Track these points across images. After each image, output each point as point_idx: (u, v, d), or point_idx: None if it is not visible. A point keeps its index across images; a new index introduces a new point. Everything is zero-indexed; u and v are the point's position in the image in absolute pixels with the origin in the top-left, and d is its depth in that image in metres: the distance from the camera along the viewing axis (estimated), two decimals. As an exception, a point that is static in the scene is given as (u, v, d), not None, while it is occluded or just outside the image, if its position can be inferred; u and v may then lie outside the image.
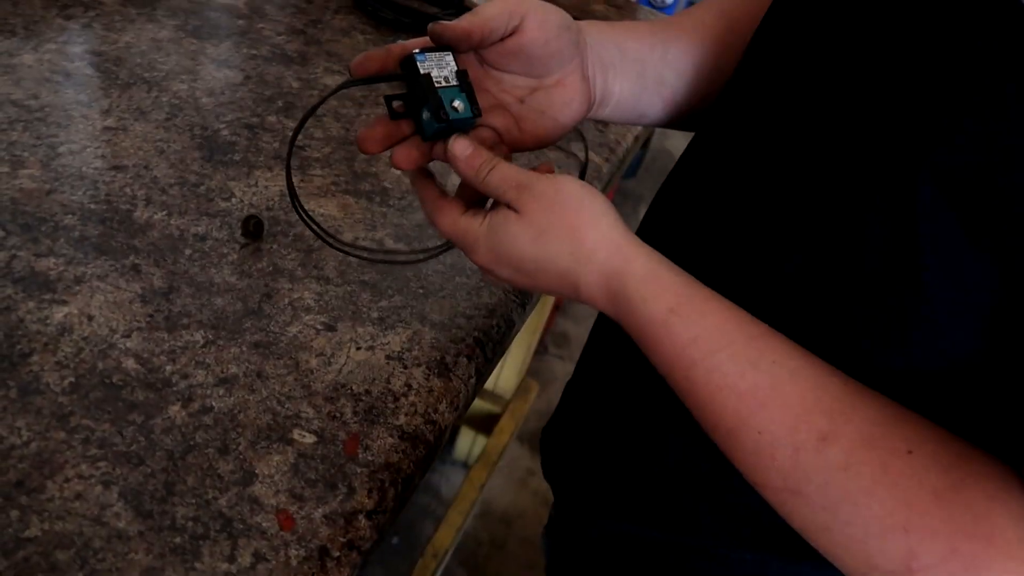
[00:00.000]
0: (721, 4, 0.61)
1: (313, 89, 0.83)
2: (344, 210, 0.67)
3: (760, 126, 0.47)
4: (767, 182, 0.45)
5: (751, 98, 0.49)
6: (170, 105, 0.73)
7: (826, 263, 0.41)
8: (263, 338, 0.53)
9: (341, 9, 1.02)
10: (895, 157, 0.37)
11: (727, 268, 0.46)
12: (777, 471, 0.38)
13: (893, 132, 0.37)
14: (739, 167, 0.48)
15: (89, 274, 0.53)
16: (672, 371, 0.42)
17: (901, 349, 0.39)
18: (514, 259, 0.44)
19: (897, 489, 0.36)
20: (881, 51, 0.40)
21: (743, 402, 0.39)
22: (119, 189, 0.61)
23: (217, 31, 0.87)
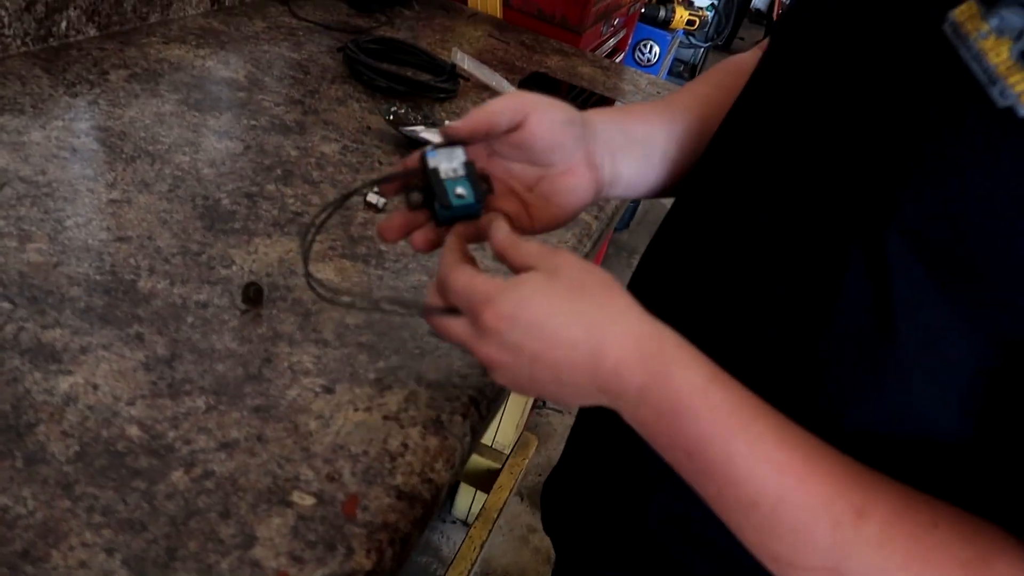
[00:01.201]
0: (714, 76, 0.65)
1: (311, 157, 0.86)
2: (341, 274, 0.69)
3: (738, 185, 0.49)
4: (747, 239, 0.47)
5: (731, 157, 0.52)
6: (173, 176, 0.75)
7: (805, 317, 0.43)
8: (263, 402, 0.54)
9: (337, 79, 1.06)
10: (866, 214, 0.39)
11: (710, 324, 0.48)
12: (815, 548, 0.38)
13: (864, 190, 0.40)
14: (719, 223, 0.50)
15: (94, 344, 0.55)
16: (707, 446, 0.40)
17: (875, 408, 0.40)
18: (537, 314, 0.43)
19: (929, 565, 0.36)
20: (852, 110, 0.42)
21: (784, 475, 0.39)
22: (123, 260, 0.63)
23: (218, 103, 0.91)
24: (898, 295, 0.38)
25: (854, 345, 0.41)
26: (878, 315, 0.39)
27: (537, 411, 2.14)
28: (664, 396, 0.41)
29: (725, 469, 0.40)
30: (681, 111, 0.61)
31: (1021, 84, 0.34)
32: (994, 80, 0.35)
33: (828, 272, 0.41)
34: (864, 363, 0.40)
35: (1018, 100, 0.34)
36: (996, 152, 0.35)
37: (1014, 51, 0.35)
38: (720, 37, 3.85)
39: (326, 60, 1.11)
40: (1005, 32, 0.36)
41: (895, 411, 0.40)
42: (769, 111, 0.50)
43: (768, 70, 0.52)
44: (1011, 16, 0.36)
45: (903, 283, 0.38)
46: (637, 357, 0.42)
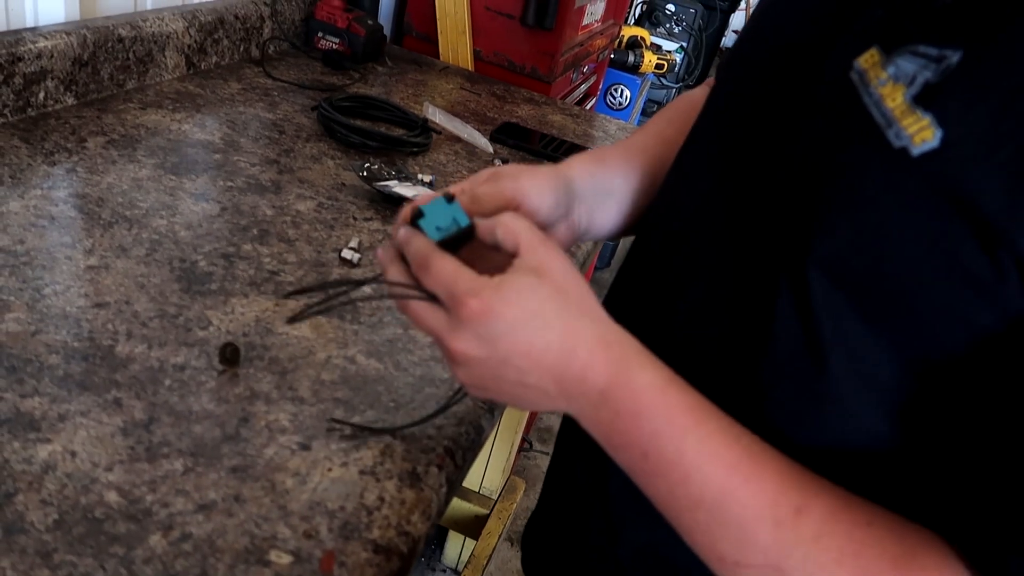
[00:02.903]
0: (670, 112, 0.69)
1: (286, 215, 0.88)
2: (316, 330, 0.71)
3: (686, 219, 0.52)
4: (695, 272, 0.50)
5: (678, 192, 0.55)
6: (150, 240, 0.77)
7: (746, 346, 0.45)
8: (241, 462, 0.55)
9: (311, 137, 1.09)
10: (789, 249, 0.42)
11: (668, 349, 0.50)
12: (758, 546, 0.40)
13: (786, 227, 0.42)
14: (671, 255, 0.53)
15: (72, 411, 0.56)
16: (663, 445, 0.42)
17: (814, 427, 0.43)
18: (520, 311, 0.43)
19: (861, 559, 0.39)
20: (776, 151, 0.45)
21: (731, 474, 0.41)
22: (101, 325, 0.65)
23: (195, 166, 0.93)
24: (824, 324, 0.41)
25: (790, 372, 0.43)
26: (809, 343, 0.42)
27: (524, 454, 2.14)
28: (624, 395, 0.43)
29: (676, 466, 0.42)
30: (641, 153, 0.64)
31: (914, 126, 0.37)
32: (890, 123, 0.38)
33: (762, 305, 0.44)
34: (801, 388, 0.43)
35: (911, 141, 0.37)
36: (896, 188, 0.38)
37: (907, 95, 0.38)
38: (691, 77, 3.93)
39: (301, 119, 1.14)
40: (900, 79, 0.39)
41: (833, 430, 0.43)
42: (708, 152, 0.53)
43: (708, 112, 0.56)
44: (904, 64, 0.39)
45: (827, 313, 0.41)
46: (604, 361, 0.44)
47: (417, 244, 0.48)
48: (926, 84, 0.38)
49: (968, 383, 0.38)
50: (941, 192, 0.36)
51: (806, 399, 0.43)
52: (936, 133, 0.37)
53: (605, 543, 0.56)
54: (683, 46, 3.92)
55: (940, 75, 0.38)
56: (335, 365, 0.67)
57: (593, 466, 0.56)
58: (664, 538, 0.52)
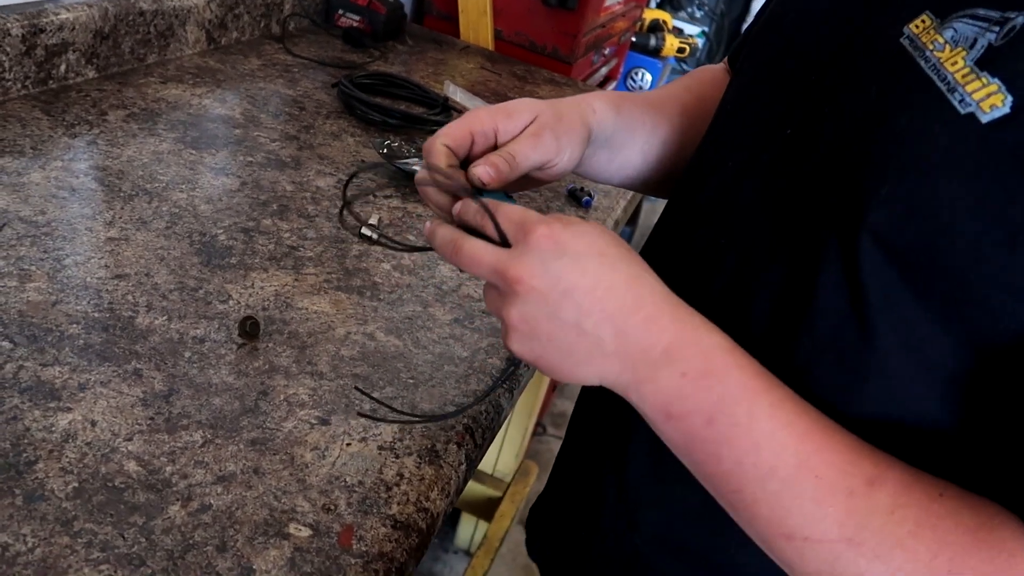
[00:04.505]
0: (693, 86, 0.68)
1: (306, 191, 0.87)
2: (336, 306, 0.70)
3: (726, 191, 0.51)
4: (733, 244, 0.49)
5: (717, 163, 0.53)
6: (170, 214, 0.77)
7: (789, 317, 0.43)
8: (260, 435, 0.55)
9: (331, 114, 1.08)
10: (840, 219, 0.40)
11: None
12: (832, 519, 0.38)
13: (837, 197, 0.41)
14: (709, 227, 0.52)
15: (93, 381, 0.56)
16: (733, 406, 0.40)
17: (861, 403, 0.41)
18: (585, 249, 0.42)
19: (938, 531, 0.37)
20: (825, 120, 0.44)
21: (804, 443, 0.39)
22: (121, 297, 0.64)
23: (215, 141, 0.92)
24: (872, 297, 0.39)
25: (835, 347, 0.42)
26: (855, 317, 0.40)
27: (538, 438, 2.14)
28: (693, 353, 0.41)
29: (748, 432, 0.40)
30: (666, 119, 0.64)
31: (981, 91, 0.36)
32: (953, 88, 0.37)
33: (804, 278, 0.42)
34: (845, 364, 0.41)
35: (978, 107, 0.36)
36: (960, 157, 0.36)
37: (969, 59, 0.37)
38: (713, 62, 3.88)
39: (321, 96, 1.13)
40: (960, 42, 0.37)
41: (879, 406, 0.41)
42: (740, 126, 0.52)
43: (739, 85, 0.55)
44: (964, 27, 0.38)
45: (877, 285, 0.39)
46: (671, 316, 0.42)
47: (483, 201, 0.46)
48: (989, 47, 0.36)
49: (1011, 367, 0.37)
50: (1012, 161, 0.35)
51: (850, 375, 0.41)
52: (1007, 99, 0.35)
53: (622, 528, 0.55)
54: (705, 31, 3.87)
55: (1005, 38, 0.36)
56: (354, 341, 0.66)
57: (610, 451, 0.55)
58: (683, 524, 0.52)
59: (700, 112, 0.64)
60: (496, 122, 0.52)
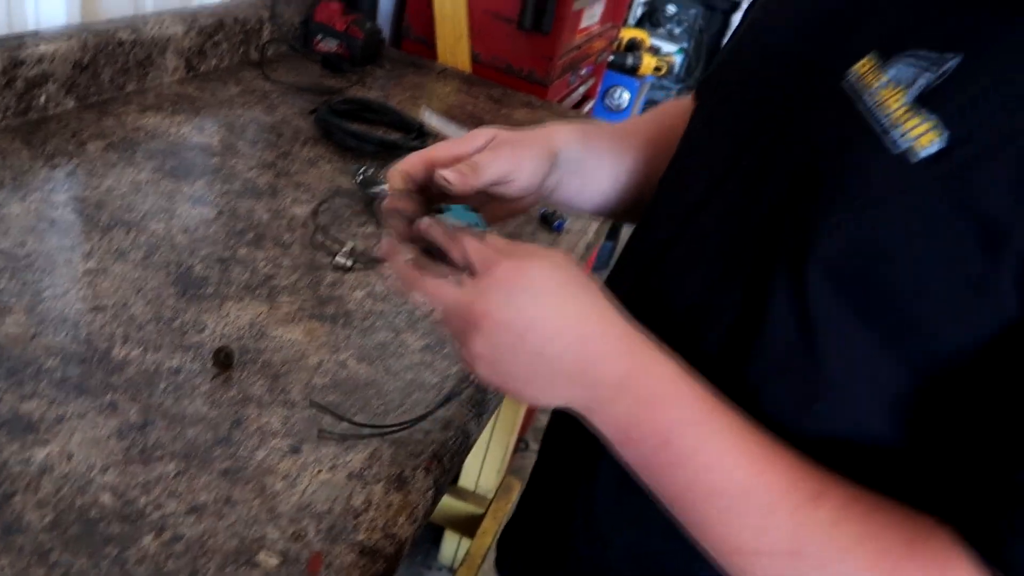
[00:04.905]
0: (657, 115, 0.71)
1: (282, 219, 0.89)
2: (309, 334, 0.72)
3: (684, 221, 0.54)
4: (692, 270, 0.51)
5: (677, 193, 0.57)
6: (147, 244, 0.78)
7: (742, 344, 0.46)
8: (232, 464, 0.57)
9: (308, 140, 1.10)
10: (788, 250, 0.43)
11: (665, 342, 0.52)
12: (779, 533, 0.41)
13: (786, 229, 0.44)
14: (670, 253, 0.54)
15: (70, 413, 0.57)
16: (683, 430, 0.43)
17: (811, 424, 0.44)
18: (547, 284, 0.45)
19: (878, 541, 0.40)
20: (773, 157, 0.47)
21: (752, 462, 0.42)
22: (99, 329, 0.66)
23: (193, 170, 0.94)
24: (820, 323, 0.42)
25: (785, 370, 0.45)
26: (804, 341, 0.43)
27: (520, 454, 2.16)
28: (646, 383, 0.44)
29: (698, 454, 0.43)
30: (624, 139, 0.67)
31: (918, 128, 0.39)
32: (887, 129, 0.40)
33: (756, 305, 0.45)
34: (795, 386, 0.45)
35: (916, 143, 0.38)
36: (894, 194, 0.39)
37: (908, 97, 0.39)
38: (691, 78, 3.94)
39: (298, 122, 1.15)
40: (900, 82, 0.40)
41: (829, 426, 0.44)
42: (701, 157, 0.55)
43: (701, 117, 0.58)
44: (905, 67, 0.40)
45: (824, 312, 0.42)
46: (626, 346, 0.45)
47: (447, 224, 0.50)
48: (928, 86, 0.39)
49: (968, 381, 0.39)
50: (946, 194, 0.37)
51: (801, 396, 0.44)
52: (943, 134, 0.38)
53: (593, 545, 0.57)
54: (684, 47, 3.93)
55: (941, 77, 0.39)
56: (327, 369, 0.68)
57: (581, 468, 0.57)
58: (654, 540, 0.54)
59: (666, 142, 0.67)
60: (454, 149, 0.55)
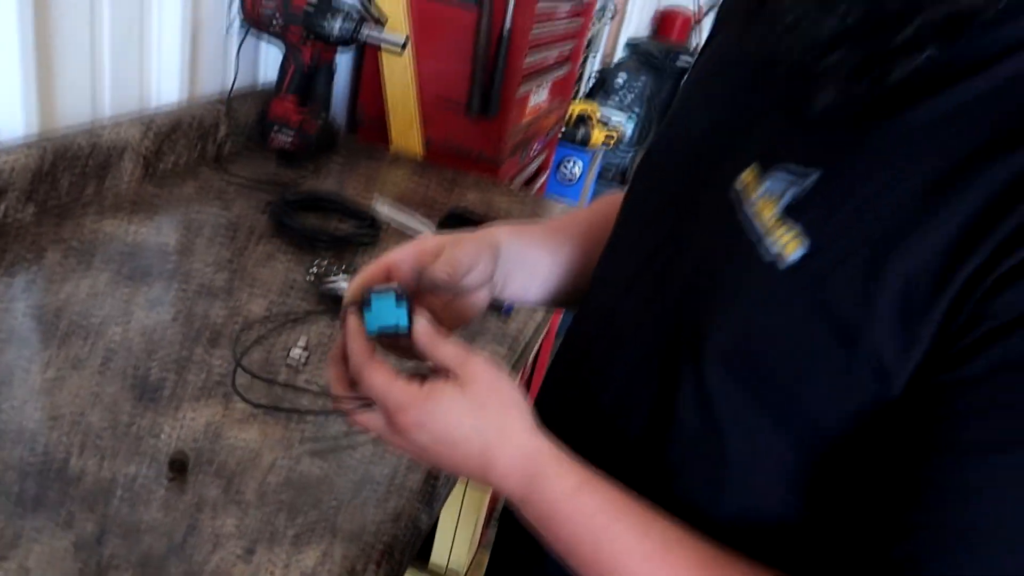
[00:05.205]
0: (594, 208, 0.77)
1: (238, 317, 0.92)
2: (264, 433, 0.75)
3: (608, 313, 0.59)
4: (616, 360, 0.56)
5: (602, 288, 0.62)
6: (105, 351, 0.81)
7: (660, 431, 0.51)
8: (188, 569, 0.59)
9: (264, 236, 1.14)
10: (690, 346, 0.48)
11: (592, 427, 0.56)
12: None
13: (687, 325, 0.49)
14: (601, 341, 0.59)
15: (27, 528, 0.59)
16: (579, 543, 0.48)
17: (725, 502, 0.49)
18: (443, 426, 0.50)
19: None
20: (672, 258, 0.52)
21: (644, 564, 0.47)
22: (56, 439, 0.68)
23: (150, 272, 0.98)
24: (721, 411, 0.47)
25: (696, 453, 0.49)
26: (709, 427, 0.48)
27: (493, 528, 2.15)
28: (539, 506, 0.50)
29: (596, 563, 0.47)
30: (567, 241, 0.72)
31: (785, 236, 0.44)
32: (761, 238, 0.45)
33: (668, 393, 0.50)
34: (707, 468, 0.49)
35: (783, 250, 0.44)
36: (768, 296, 0.44)
37: (778, 208, 0.45)
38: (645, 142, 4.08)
39: (255, 218, 1.19)
40: (773, 193, 0.46)
41: (741, 504, 0.48)
42: (622, 253, 0.61)
43: (624, 212, 0.64)
44: (777, 180, 0.46)
45: (723, 401, 0.47)
46: (520, 473, 0.50)
47: (354, 348, 0.53)
48: (794, 199, 0.45)
49: (851, 459, 0.44)
50: (807, 298, 0.43)
51: (712, 477, 0.49)
52: (804, 242, 0.43)
53: None
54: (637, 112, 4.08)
55: (805, 190, 0.44)
56: (280, 468, 0.71)
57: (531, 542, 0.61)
58: None
59: (602, 233, 0.72)
60: (406, 253, 0.60)
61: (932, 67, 0.41)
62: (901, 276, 0.40)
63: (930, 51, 0.40)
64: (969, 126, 0.40)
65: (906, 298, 0.40)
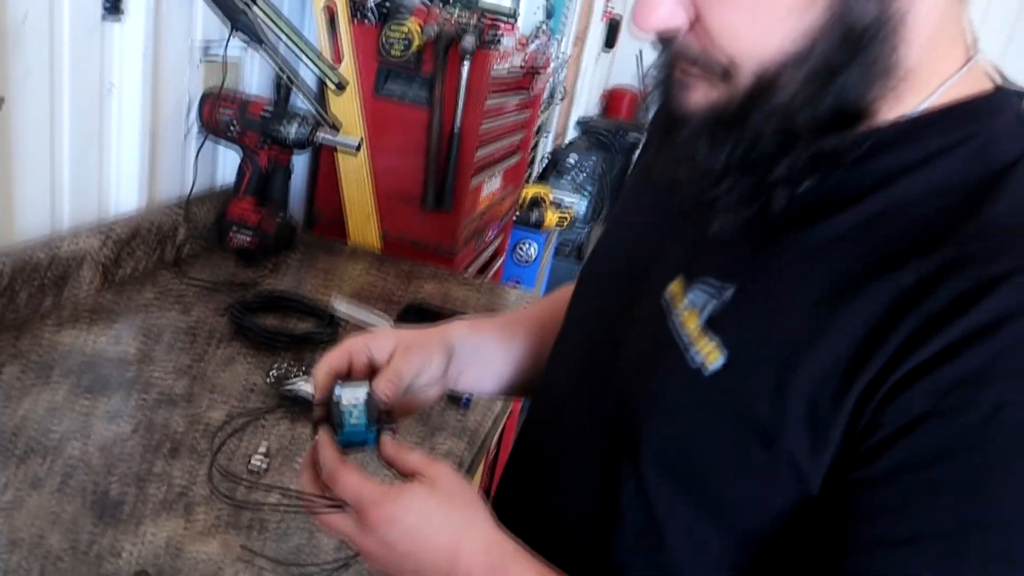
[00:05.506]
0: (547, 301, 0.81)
1: (198, 425, 0.93)
2: (225, 547, 0.75)
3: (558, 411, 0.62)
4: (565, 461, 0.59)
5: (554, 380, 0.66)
6: (64, 469, 0.82)
7: (606, 528, 0.53)
8: None
9: (223, 339, 1.16)
10: (628, 448, 0.52)
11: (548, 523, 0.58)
12: None
13: (625, 428, 0.52)
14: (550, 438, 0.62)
15: (-15, 663, 0.59)
16: None
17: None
18: (414, 520, 0.52)
19: None
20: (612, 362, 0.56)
21: None
22: (15, 566, 0.68)
23: (109, 383, 0.99)
24: (659, 509, 0.50)
25: (640, 549, 0.52)
26: (651, 524, 0.51)
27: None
28: None
29: None
30: (520, 335, 0.76)
31: (706, 347, 0.48)
32: (687, 347, 0.49)
33: (612, 492, 0.53)
34: (650, 562, 0.52)
35: (706, 360, 0.48)
36: (694, 402, 0.49)
37: (700, 321, 0.49)
38: (599, 218, 4.19)
39: (214, 321, 1.21)
40: (695, 306, 0.50)
41: None
42: (566, 354, 0.65)
43: (568, 315, 0.68)
44: (698, 293, 0.50)
45: (662, 499, 0.50)
46: (487, 565, 0.52)
47: (326, 455, 0.56)
48: (713, 312, 0.49)
49: (781, 554, 0.47)
50: (728, 403, 0.47)
51: (656, 572, 0.52)
52: (723, 354, 0.47)
53: None
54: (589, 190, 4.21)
55: (722, 304, 0.49)
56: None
57: None
58: None
59: (556, 326, 0.76)
60: (367, 342, 0.63)
61: (817, 195, 0.47)
62: (807, 385, 0.44)
63: (807, 183, 0.46)
64: (851, 251, 0.45)
65: (813, 405, 0.44)
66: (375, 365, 0.63)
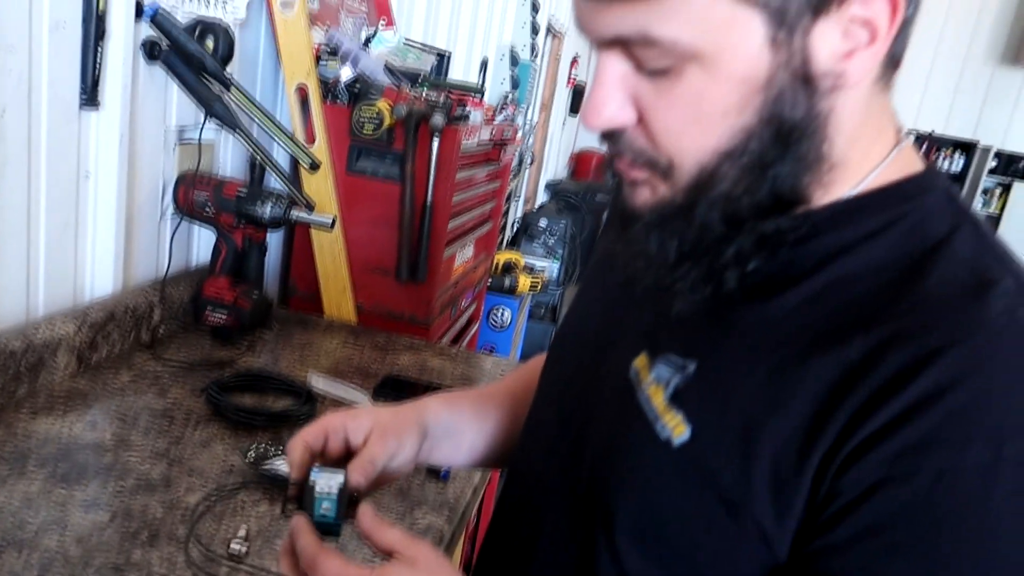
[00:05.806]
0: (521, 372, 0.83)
1: (177, 511, 0.93)
2: (207, 636, 0.75)
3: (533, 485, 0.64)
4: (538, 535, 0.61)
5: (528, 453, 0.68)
6: (41, 563, 0.81)
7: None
8: None
9: (200, 420, 1.16)
10: (601, 520, 0.54)
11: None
12: None
13: (597, 501, 0.54)
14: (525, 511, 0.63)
15: None
16: None
17: None
18: None
19: None
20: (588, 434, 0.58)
21: None
22: (-10, 667, 0.67)
23: (85, 471, 0.98)
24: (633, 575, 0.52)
25: None
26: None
27: None
28: None
29: None
30: (494, 409, 0.78)
31: (672, 421, 0.50)
32: (656, 419, 0.51)
33: (588, 562, 0.55)
34: None
35: (672, 433, 0.50)
36: (663, 473, 0.51)
37: (665, 396, 0.51)
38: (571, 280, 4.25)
39: (190, 402, 1.21)
40: (660, 381, 0.52)
41: None
42: (539, 427, 0.67)
43: (540, 387, 0.69)
44: (662, 369, 0.53)
45: (635, 567, 0.52)
46: None
47: (304, 543, 0.56)
48: (677, 387, 0.51)
49: None
50: (696, 475, 0.49)
51: None
52: (688, 428, 0.50)
53: None
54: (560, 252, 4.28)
55: (685, 379, 0.51)
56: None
57: None
58: None
59: (529, 397, 0.78)
60: (344, 421, 0.64)
61: (765, 274, 0.50)
62: (768, 455, 0.47)
63: (754, 263, 0.49)
64: (800, 323, 0.48)
65: (775, 474, 0.46)
66: (351, 446, 0.64)
